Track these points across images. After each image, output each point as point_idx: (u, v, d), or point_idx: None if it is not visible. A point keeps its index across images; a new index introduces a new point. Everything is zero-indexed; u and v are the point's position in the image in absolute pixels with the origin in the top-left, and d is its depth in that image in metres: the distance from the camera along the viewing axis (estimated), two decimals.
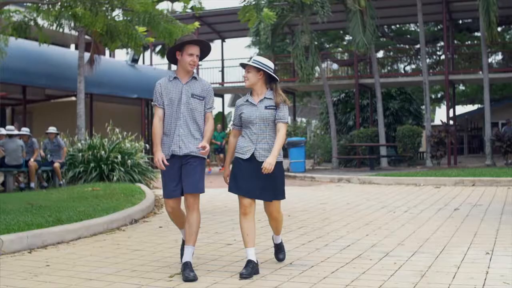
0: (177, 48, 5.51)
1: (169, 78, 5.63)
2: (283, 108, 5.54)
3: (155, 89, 5.64)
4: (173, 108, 5.51)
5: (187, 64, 5.48)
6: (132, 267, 5.57)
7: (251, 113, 5.51)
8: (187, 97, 5.50)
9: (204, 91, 5.59)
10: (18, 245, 6.48)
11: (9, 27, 11.84)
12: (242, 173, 5.44)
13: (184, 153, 5.42)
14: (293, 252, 6.30)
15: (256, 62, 5.51)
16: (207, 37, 32.08)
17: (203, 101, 5.58)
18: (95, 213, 8.40)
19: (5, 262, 5.91)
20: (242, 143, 5.54)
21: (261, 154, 5.43)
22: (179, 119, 5.48)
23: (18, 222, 7.28)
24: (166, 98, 5.55)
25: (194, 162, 5.46)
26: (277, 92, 5.58)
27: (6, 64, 14.82)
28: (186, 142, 5.44)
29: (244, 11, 12.07)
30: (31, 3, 10.97)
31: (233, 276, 5.22)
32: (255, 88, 5.58)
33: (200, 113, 5.55)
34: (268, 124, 5.51)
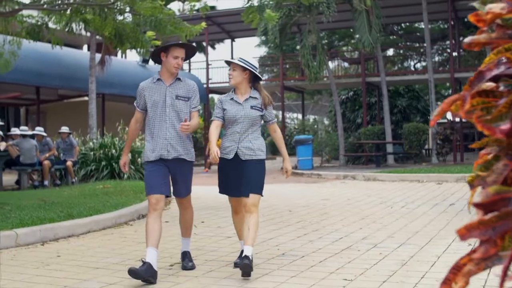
0: (163, 49, 5.50)
1: (153, 80, 5.60)
2: (271, 109, 5.69)
3: (138, 90, 5.63)
4: (158, 110, 5.47)
5: (171, 67, 5.47)
6: (136, 257, 6.01)
7: (236, 112, 5.52)
8: (171, 99, 5.47)
9: (189, 92, 5.58)
10: (32, 238, 6.95)
11: (23, 31, 12.31)
12: (228, 175, 5.55)
13: (173, 157, 5.42)
14: (287, 244, 6.71)
15: (242, 61, 5.51)
16: (217, 36, 32.61)
17: (188, 102, 5.57)
18: (104, 209, 8.86)
19: (19, 253, 6.38)
20: (225, 143, 5.59)
21: (244, 153, 5.49)
22: (165, 122, 5.44)
23: (32, 217, 7.74)
24: (149, 100, 5.51)
25: (183, 169, 5.56)
26: (263, 93, 5.64)
27: (20, 65, 15.34)
28: (174, 145, 5.43)
29: (248, 12, 12.44)
30: (43, 9, 11.41)
31: (228, 265, 5.65)
32: (239, 86, 5.58)
33: (186, 114, 5.52)
34: (252, 124, 5.55)
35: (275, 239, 7.00)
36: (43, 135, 15.30)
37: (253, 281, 4.93)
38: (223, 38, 32.39)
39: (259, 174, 5.54)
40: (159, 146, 5.41)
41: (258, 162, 5.54)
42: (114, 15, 11.16)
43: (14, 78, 17.12)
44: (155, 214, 5.28)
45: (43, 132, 15.48)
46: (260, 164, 5.56)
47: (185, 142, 5.51)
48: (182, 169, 5.54)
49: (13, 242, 6.72)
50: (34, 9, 11.77)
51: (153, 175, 5.41)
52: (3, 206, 8.90)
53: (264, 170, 5.64)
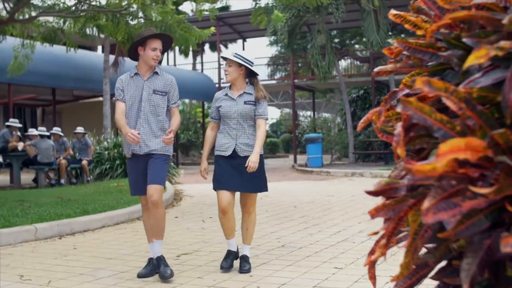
0: (139, 43, 5.34)
1: (130, 74, 5.48)
2: (263, 104, 5.49)
3: (117, 85, 5.50)
4: (134, 105, 5.37)
5: (150, 59, 5.33)
6: (147, 249, 6.46)
7: (230, 107, 5.43)
8: (148, 93, 5.35)
9: (167, 86, 5.45)
10: (50, 232, 7.45)
11: (38, 37, 12.86)
12: (225, 171, 5.40)
13: (144, 152, 5.34)
14: (288, 237, 7.16)
15: (238, 56, 5.41)
16: (229, 37, 33.10)
17: (166, 97, 5.44)
18: (118, 205, 9.36)
19: (39, 246, 6.89)
20: (222, 140, 5.48)
21: (243, 149, 5.40)
22: (140, 117, 5.34)
23: (50, 213, 8.24)
24: (127, 94, 5.39)
25: (157, 157, 5.35)
26: (258, 87, 5.50)
27: (36, 68, 15.92)
28: (146, 140, 5.32)
29: (256, 14, 12.88)
30: (59, 16, 11.93)
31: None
32: (235, 82, 5.49)
33: (163, 109, 5.40)
34: (247, 119, 5.45)
35: (277, 233, 7.45)
36: (60, 134, 15.85)
37: (254, 268, 5.39)
38: (235, 38, 32.89)
39: (260, 171, 5.45)
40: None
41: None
42: (126, 21, 11.64)
43: (31, 80, 17.68)
44: (148, 212, 5.49)
45: (60, 132, 16.02)
46: (260, 161, 5.41)
47: (159, 137, 5.35)
48: (155, 159, 5.34)
49: (33, 236, 7.23)
50: (50, 15, 12.28)
51: (134, 175, 5.46)
52: (22, 203, 9.43)
53: (263, 165, 5.57)
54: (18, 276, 5.28)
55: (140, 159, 5.38)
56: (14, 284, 5.01)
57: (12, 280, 5.16)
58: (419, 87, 1.29)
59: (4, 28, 11.74)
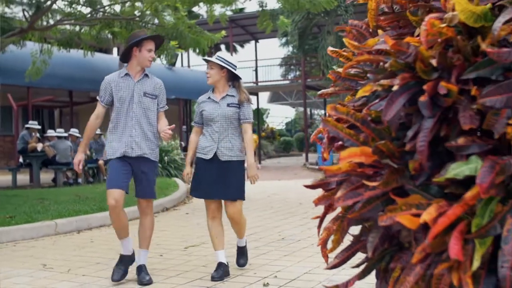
0: (135, 44, 5.24)
1: (120, 74, 5.35)
2: (247, 107, 5.42)
3: (102, 84, 5.37)
4: (124, 107, 5.25)
5: (146, 60, 5.27)
6: (157, 242, 7.05)
7: (212, 110, 5.34)
8: (139, 95, 5.26)
9: (157, 89, 5.37)
10: (69, 227, 8.06)
11: (56, 43, 13.50)
12: (206, 176, 5.31)
13: (137, 155, 5.21)
14: (289, 231, 7.71)
15: (219, 59, 5.35)
16: (241, 38, 33.63)
17: (156, 100, 5.35)
18: (132, 203, 9.92)
19: (59, 239, 7.50)
20: (204, 143, 5.37)
21: (224, 153, 5.29)
22: (131, 119, 5.23)
23: (68, 210, 8.85)
24: (116, 95, 5.27)
25: (146, 168, 5.29)
26: (241, 90, 5.42)
27: (54, 71, 16.55)
28: (139, 142, 5.21)
29: (262, 20, 13.42)
30: (75, 24, 12.56)
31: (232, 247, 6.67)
32: (217, 85, 5.42)
33: (153, 112, 5.31)
34: (231, 122, 5.35)
35: (279, 227, 7.99)
36: (77, 136, 16.48)
37: (251, 258, 5.94)
38: (248, 39, 33.42)
39: (240, 178, 5.37)
40: (123, 143, 5.21)
41: (238, 163, 5.37)
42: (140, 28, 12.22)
43: (48, 83, 18.36)
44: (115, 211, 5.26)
45: (77, 133, 16.65)
46: (240, 166, 5.39)
47: (150, 140, 5.29)
48: (145, 168, 5.30)
49: (53, 230, 7.84)
50: (67, 24, 12.90)
51: (117, 172, 5.25)
52: (43, 201, 10.06)
53: (243, 172, 5.44)
54: (41, 265, 5.89)
55: (128, 160, 5.23)
56: (38, 271, 5.62)
57: (36, 268, 5.76)
58: (328, 112, 1.84)
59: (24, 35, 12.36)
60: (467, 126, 1.60)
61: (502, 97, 1.51)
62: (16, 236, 7.47)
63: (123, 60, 5.45)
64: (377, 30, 2.15)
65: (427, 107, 1.68)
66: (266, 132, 38.74)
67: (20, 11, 12.50)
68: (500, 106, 1.52)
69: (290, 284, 4.88)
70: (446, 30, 1.68)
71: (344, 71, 2.04)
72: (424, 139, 1.68)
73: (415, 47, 1.70)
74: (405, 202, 1.70)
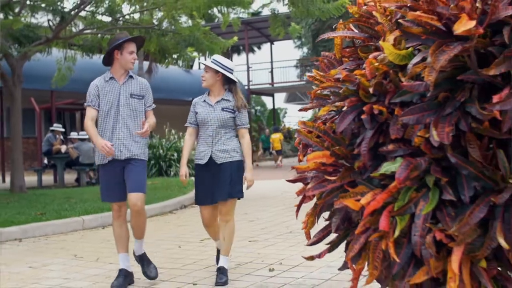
0: (116, 47, 5.21)
1: (105, 79, 5.31)
2: (244, 113, 5.39)
3: (90, 89, 5.27)
4: (112, 110, 5.22)
5: (128, 62, 5.23)
6: (176, 235, 7.73)
7: (207, 114, 5.33)
8: (125, 97, 5.23)
9: (143, 90, 5.35)
10: (94, 223, 8.77)
11: (79, 50, 14.25)
12: (201, 185, 5.35)
13: (125, 157, 5.20)
14: (297, 225, 8.31)
15: (215, 62, 5.33)
16: (256, 40, 34.26)
17: (143, 100, 5.34)
18: (152, 200, 10.64)
19: (86, 234, 8.21)
20: (200, 148, 5.38)
21: (218, 156, 5.27)
22: (118, 122, 5.21)
23: (94, 207, 9.56)
24: (103, 100, 5.24)
25: (136, 162, 5.25)
26: (237, 95, 5.38)
27: (76, 76, 17.28)
28: (127, 145, 5.20)
29: (274, 26, 14.06)
30: (97, 33, 13.29)
31: (244, 239, 7.33)
32: (212, 89, 5.40)
33: (141, 113, 5.31)
34: (224, 126, 5.33)
35: (288, 222, 8.63)
36: None
37: (260, 248, 6.60)
38: (262, 41, 34.09)
39: (236, 177, 5.35)
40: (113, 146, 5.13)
41: (234, 163, 5.34)
42: (158, 35, 12.94)
43: (70, 87, 19.10)
44: (119, 221, 5.40)
45: None
46: (236, 165, 5.37)
47: (138, 141, 5.28)
48: (135, 166, 5.26)
49: (81, 226, 8.55)
50: (89, 33, 13.64)
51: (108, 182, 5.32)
52: (69, 200, 10.80)
53: (242, 171, 5.44)
54: (72, 255, 6.60)
55: (117, 164, 5.26)
56: (70, 260, 6.33)
57: (68, 258, 6.47)
58: (299, 125, 2.50)
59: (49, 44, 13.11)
60: (394, 136, 2.25)
61: (414, 116, 2.14)
62: (47, 231, 8.19)
63: (106, 64, 5.41)
64: (342, 60, 2.79)
65: (367, 122, 2.33)
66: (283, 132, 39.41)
67: (45, 21, 13.26)
68: (413, 123, 2.15)
69: (293, 269, 5.54)
70: (381, 66, 2.32)
71: (314, 93, 2.68)
72: (365, 145, 2.33)
73: (359, 79, 2.35)
74: (354, 191, 2.35)
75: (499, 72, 2.01)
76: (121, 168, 5.26)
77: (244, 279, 5.28)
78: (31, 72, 16.59)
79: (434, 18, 2.07)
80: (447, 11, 2.03)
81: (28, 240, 7.80)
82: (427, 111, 2.14)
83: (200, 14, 13.25)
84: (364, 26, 2.67)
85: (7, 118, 21.94)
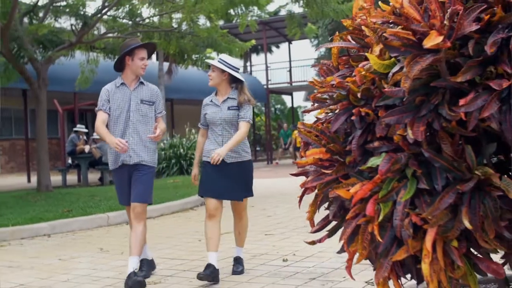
0: (127, 53, 5.30)
1: (116, 85, 5.40)
2: (246, 107, 5.38)
3: (101, 94, 5.37)
4: (122, 115, 5.30)
5: (139, 69, 5.32)
6: (196, 230, 8.12)
7: (214, 114, 5.38)
8: (136, 103, 5.33)
9: (153, 96, 5.44)
10: (119, 219, 9.21)
11: (101, 52, 14.73)
12: (210, 177, 5.32)
13: (134, 162, 5.28)
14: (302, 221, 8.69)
15: (221, 61, 5.36)
16: (275, 40, 34.58)
17: (153, 106, 5.43)
18: (174, 198, 11.08)
19: (111, 229, 8.65)
20: (209, 146, 5.41)
21: (229, 155, 5.29)
22: (129, 127, 5.29)
23: (117, 204, 9.88)
24: (113, 105, 5.32)
25: (143, 170, 5.31)
26: (242, 91, 5.40)
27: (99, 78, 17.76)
28: (137, 150, 5.29)
29: (290, 27, 14.44)
30: (118, 37, 13.75)
31: (261, 233, 7.70)
32: (219, 88, 5.45)
33: (151, 119, 5.39)
34: (232, 125, 5.38)
35: (304, 216, 8.91)
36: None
37: (276, 241, 6.98)
38: (281, 41, 34.45)
39: (247, 177, 5.50)
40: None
41: (244, 163, 5.46)
42: (177, 38, 13.37)
43: (93, 89, 19.53)
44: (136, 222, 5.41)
45: None
46: (246, 165, 5.49)
47: (147, 147, 5.39)
48: (142, 172, 5.34)
49: (106, 222, 8.99)
50: (110, 37, 14.10)
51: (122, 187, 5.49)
52: (93, 197, 11.27)
53: (251, 171, 5.59)
54: (98, 249, 7.03)
55: (127, 169, 5.35)
56: (97, 253, 6.75)
57: (94, 251, 6.90)
58: (298, 126, 2.86)
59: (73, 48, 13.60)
60: (379, 134, 2.61)
61: (394, 117, 2.50)
62: (74, 227, 8.64)
63: (117, 69, 5.49)
64: (338, 67, 3.15)
65: (357, 123, 2.69)
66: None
67: (69, 25, 13.74)
68: (393, 123, 2.51)
69: (305, 260, 5.91)
70: (368, 74, 2.68)
71: (313, 97, 3.04)
72: (355, 143, 2.69)
73: (349, 85, 2.71)
74: (346, 182, 2.71)
75: (465, 79, 2.36)
76: (129, 175, 5.37)
77: (259, 268, 5.67)
78: (55, 75, 17.08)
79: (410, 34, 2.43)
80: (419, 28, 2.39)
81: (56, 235, 8.25)
82: (405, 113, 2.49)
83: (218, 16, 13.66)
84: (357, 37, 3.02)
85: (31, 119, 22.57)
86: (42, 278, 5.68)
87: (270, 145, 30.08)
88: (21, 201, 11.31)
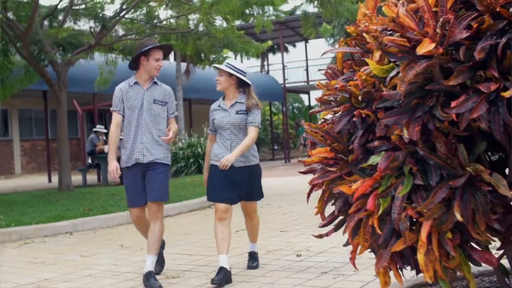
0: (143, 53, 5.32)
1: (130, 84, 5.43)
2: (255, 112, 5.39)
3: (115, 94, 5.42)
4: (135, 114, 5.33)
5: (153, 69, 5.35)
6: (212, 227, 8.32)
7: (222, 118, 5.38)
8: (148, 103, 5.35)
9: (166, 96, 5.46)
10: None
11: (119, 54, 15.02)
12: (219, 181, 5.30)
13: (148, 161, 5.30)
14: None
15: (229, 66, 5.37)
16: (291, 39, 34.74)
17: (166, 107, 5.45)
18: (192, 196, 11.32)
19: (130, 227, 8.86)
20: (217, 150, 5.42)
21: (237, 159, 5.28)
22: (141, 126, 5.31)
23: None
24: (127, 104, 5.36)
25: (158, 169, 5.34)
26: (250, 96, 5.42)
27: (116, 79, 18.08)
28: (150, 149, 5.31)
29: (305, 27, 14.62)
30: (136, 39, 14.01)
31: (276, 229, 7.91)
32: (227, 92, 5.45)
33: (163, 119, 5.42)
34: (241, 129, 5.39)
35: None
36: None
37: (290, 237, 7.18)
38: (297, 40, 34.60)
39: (256, 181, 5.57)
40: (135, 150, 5.32)
41: (252, 167, 5.50)
42: (194, 39, 13.62)
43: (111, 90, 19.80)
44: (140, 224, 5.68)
45: None
46: (254, 170, 5.53)
47: (161, 146, 5.40)
48: (157, 170, 5.36)
49: (125, 220, 9.24)
50: (129, 39, 14.38)
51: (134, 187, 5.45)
52: (113, 196, 11.54)
53: (260, 175, 5.66)
54: (119, 245, 7.28)
55: (141, 168, 5.37)
56: (117, 250, 7.00)
57: (115, 248, 7.15)
58: (306, 127, 3.07)
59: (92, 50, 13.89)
60: (378, 134, 2.80)
61: (392, 118, 2.70)
62: (95, 225, 8.90)
63: (132, 68, 5.53)
64: (343, 71, 3.34)
65: (359, 123, 2.89)
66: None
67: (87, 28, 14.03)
68: (391, 124, 2.71)
69: (318, 255, 6.11)
70: (369, 78, 2.88)
71: (319, 99, 3.24)
72: (357, 142, 2.89)
73: (351, 88, 2.91)
74: (349, 179, 2.92)
75: (457, 83, 2.55)
76: (142, 174, 5.37)
77: (273, 263, 5.88)
78: (74, 76, 17.38)
79: (405, 41, 2.62)
80: (413, 36, 2.58)
81: (78, 233, 8.52)
82: (402, 114, 2.69)
83: (234, 17, 13.88)
84: (360, 43, 3.22)
85: (51, 120, 22.93)
86: (65, 273, 5.93)
87: (287, 143, 30.27)
88: (43, 200, 11.63)
